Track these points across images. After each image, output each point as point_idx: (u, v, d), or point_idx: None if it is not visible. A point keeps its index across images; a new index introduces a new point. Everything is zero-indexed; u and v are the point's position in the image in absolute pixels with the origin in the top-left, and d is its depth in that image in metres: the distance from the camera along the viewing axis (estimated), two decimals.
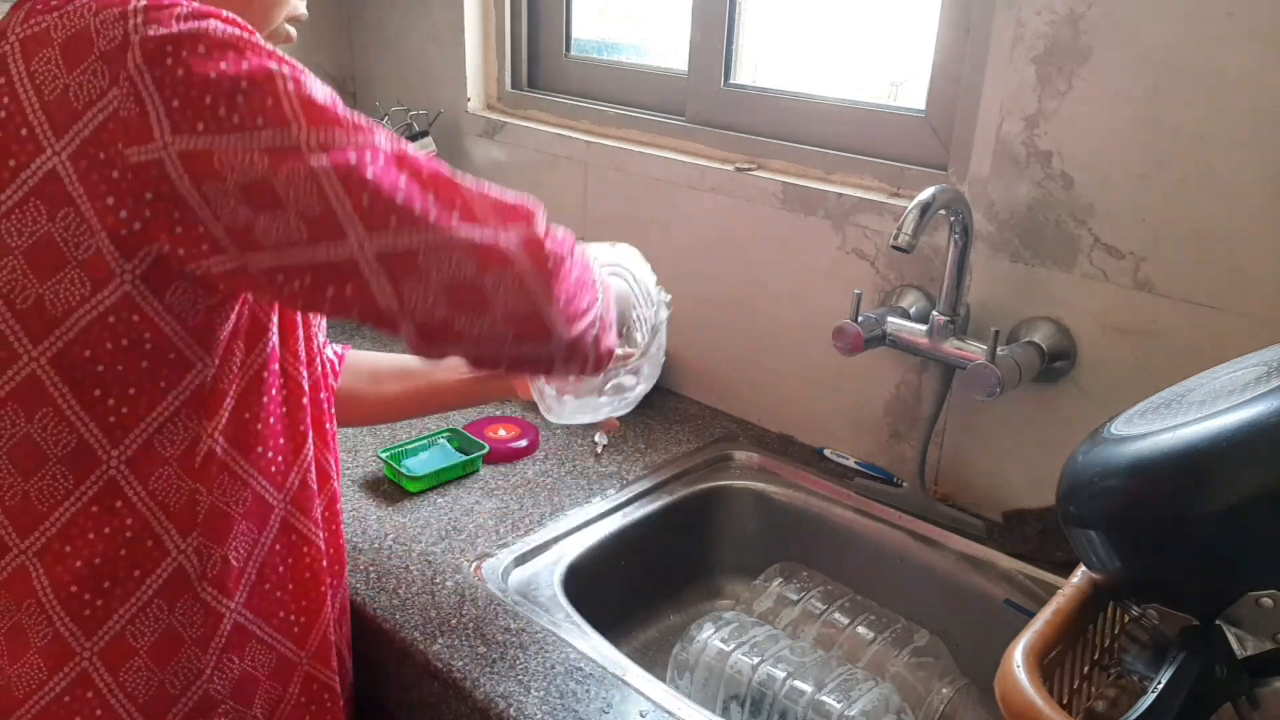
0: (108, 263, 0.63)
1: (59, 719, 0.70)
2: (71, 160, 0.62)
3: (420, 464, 1.20)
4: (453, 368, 1.02)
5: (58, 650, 0.69)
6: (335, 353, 1.03)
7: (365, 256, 0.62)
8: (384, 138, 0.65)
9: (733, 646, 1.04)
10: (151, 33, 0.61)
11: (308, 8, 0.82)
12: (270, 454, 0.78)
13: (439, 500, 1.17)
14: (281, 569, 0.80)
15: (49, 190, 0.63)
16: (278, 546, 0.79)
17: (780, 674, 1.01)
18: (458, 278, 0.63)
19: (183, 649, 0.73)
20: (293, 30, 0.80)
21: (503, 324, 0.65)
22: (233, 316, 0.70)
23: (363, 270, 0.62)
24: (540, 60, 1.70)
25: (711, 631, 1.07)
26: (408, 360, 1.05)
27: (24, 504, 0.68)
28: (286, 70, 0.63)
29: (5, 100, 0.64)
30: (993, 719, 1.03)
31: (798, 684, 1.00)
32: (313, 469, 0.82)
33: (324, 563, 0.84)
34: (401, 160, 0.64)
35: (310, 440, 0.82)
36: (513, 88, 1.71)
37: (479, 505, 1.16)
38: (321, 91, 0.65)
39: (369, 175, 0.62)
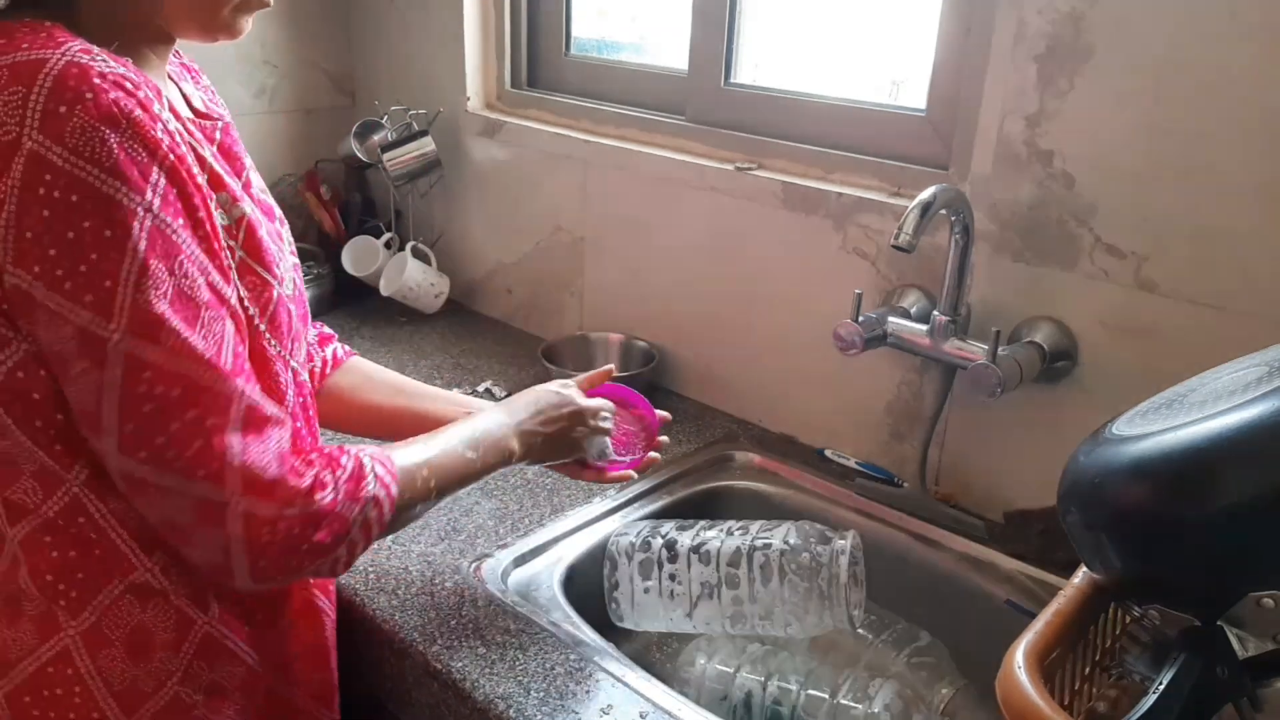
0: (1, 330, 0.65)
1: (43, 687, 0.72)
2: None
3: None
4: (449, 401, 1.02)
5: (47, 622, 0.72)
6: (338, 353, 1.02)
7: (111, 462, 0.66)
8: (198, 362, 0.65)
9: (734, 667, 1.04)
10: (39, 145, 0.60)
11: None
12: None
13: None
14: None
15: None
16: None
17: (793, 686, 1.00)
18: (176, 520, 0.67)
19: (154, 650, 0.74)
20: (245, 23, 0.75)
21: (194, 555, 0.69)
22: None
23: (106, 463, 0.67)
24: (540, 59, 1.70)
25: (705, 658, 1.06)
26: (405, 381, 1.05)
27: (10, 503, 0.71)
28: (143, 245, 0.62)
29: None
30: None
31: (813, 693, 0.99)
32: None
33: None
34: (190, 395, 0.64)
35: None
36: (512, 87, 1.71)
37: (478, 505, 1.16)
38: (163, 287, 0.63)
39: (144, 405, 0.64)
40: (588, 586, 1.07)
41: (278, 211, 0.85)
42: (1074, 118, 1.03)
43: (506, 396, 1.44)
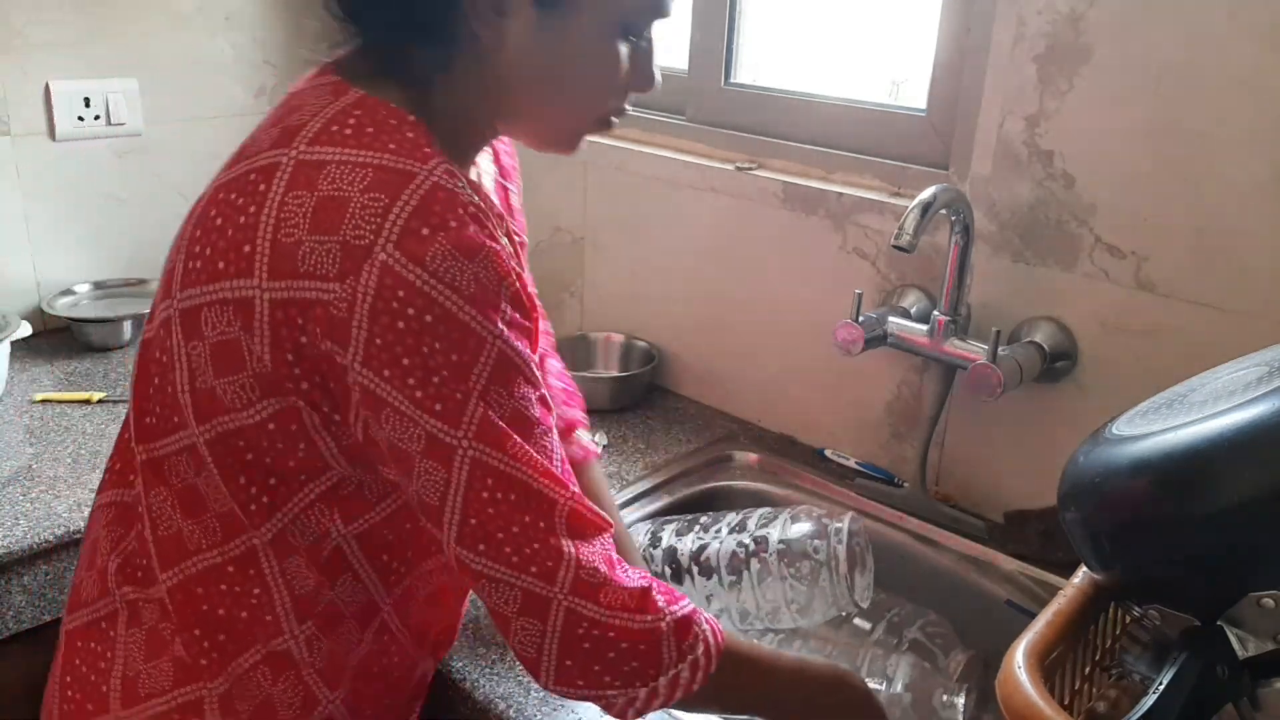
0: (280, 383, 0.65)
1: None
2: (271, 306, 0.63)
3: None
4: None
5: (188, 667, 0.72)
6: (578, 452, 1.01)
7: (448, 548, 0.66)
8: (537, 471, 0.66)
9: None
10: (395, 261, 0.60)
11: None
12: (394, 564, 0.77)
13: None
14: (375, 669, 0.79)
15: (244, 311, 0.64)
16: (374, 646, 0.79)
17: None
18: (502, 609, 0.66)
19: None
20: (585, 141, 0.78)
21: (511, 644, 0.68)
22: None
23: (444, 546, 0.66)
24: None
25: None
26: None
27: (175, 538, 0.71)
28: (489, 372, 0.63)
29: (252, 210, 0.64)
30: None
31: None
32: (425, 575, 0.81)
33: (411, 662, 0.83)
34: (528, 501, 0.65)
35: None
36: None
37: None
38: (505, 408, 0.65)
39: (488, 508, 0.64)
40: None
41: None
42: (1074, 118, 1.03)
43: None
